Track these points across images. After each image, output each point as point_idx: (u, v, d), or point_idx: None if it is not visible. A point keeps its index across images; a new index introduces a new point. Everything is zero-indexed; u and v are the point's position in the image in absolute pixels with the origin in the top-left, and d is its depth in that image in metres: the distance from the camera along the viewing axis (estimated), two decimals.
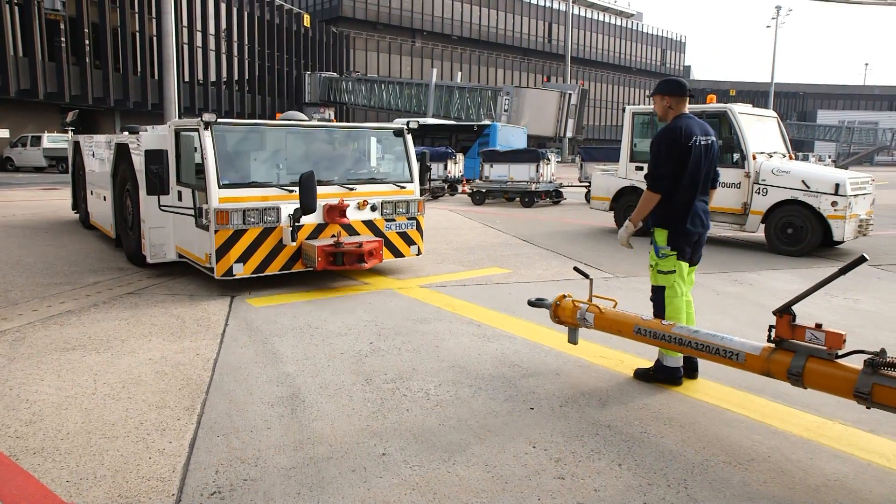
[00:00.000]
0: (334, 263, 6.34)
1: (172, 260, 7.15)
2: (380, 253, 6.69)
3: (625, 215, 11.00)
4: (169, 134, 6.86)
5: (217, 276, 6.08)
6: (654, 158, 3.90)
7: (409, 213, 7.32)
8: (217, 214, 5.98)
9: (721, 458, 3.09)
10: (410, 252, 7.38)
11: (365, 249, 6.39)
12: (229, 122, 6.42)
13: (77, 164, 11.22)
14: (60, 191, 19.51)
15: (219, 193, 6.03)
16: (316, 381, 4.02)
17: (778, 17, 59.26)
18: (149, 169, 6.21)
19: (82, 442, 3.17)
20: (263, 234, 6.25)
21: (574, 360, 4.45)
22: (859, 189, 9.05)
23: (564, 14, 59.72)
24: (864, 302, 6.32)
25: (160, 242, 7.04)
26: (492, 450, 3.14)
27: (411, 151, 7.56)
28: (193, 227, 6.47)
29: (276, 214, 6.29)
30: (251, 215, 6.15)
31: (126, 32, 37.38)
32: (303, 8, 59.08)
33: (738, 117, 9.38)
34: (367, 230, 6.99)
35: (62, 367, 4.21)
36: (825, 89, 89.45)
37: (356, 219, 6.87)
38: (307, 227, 6.51)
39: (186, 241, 6.78)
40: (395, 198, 7.22)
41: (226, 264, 6.09)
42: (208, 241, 6.13)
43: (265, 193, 6.31)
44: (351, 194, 6.87)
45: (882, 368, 2.70)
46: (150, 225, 6.96)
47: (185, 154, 6.65)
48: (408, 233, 7.34)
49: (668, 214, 3.91)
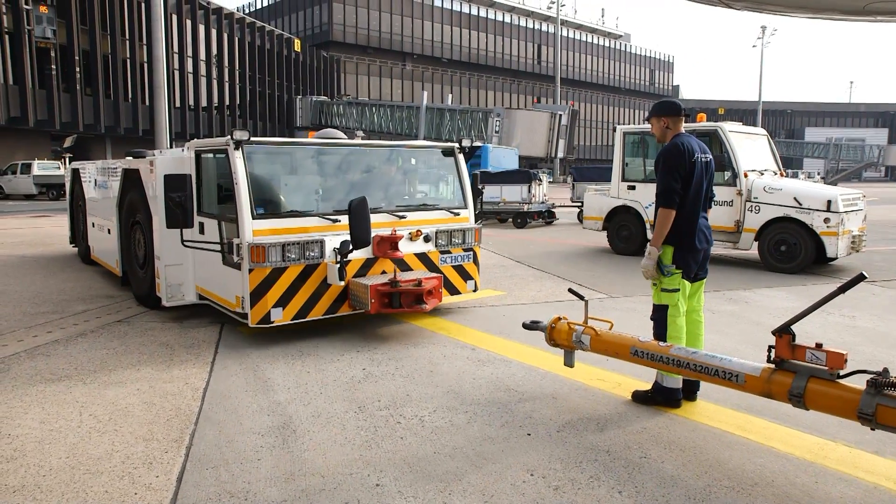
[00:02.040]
0: (390, 306, 5.43)
1: (192, 302, 6.30)
2: (440, 292, 5.76)
3: (618, 235, 11.00)
4: (188, 156, 6.11)
5: (252, 323, 5.21)
6: (662, 176, 3.90)
7: (465, 243, 6.46)
8: (252, 250, 5.11)
9: (724, 483, 3.02)
10: (467, 288, 6.51)
11: (424, 288, 5.47)
12: (263, 140, 5.65)
13: (76, 193, 10.20)
14: (51, 218, 19.39)
15: (253, 225, 5.19)
16: (308, 410, 3.93)
17: (763, 37, 60.25)
18: (169, 197, 5.40)
19: (65, 478, 3.06)
20: (305, 272, 5.39)
21: (571, 383, 4.38)
22: (851, 205, 9.09)
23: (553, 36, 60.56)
24: (860, 319, 6.29)
25: (178, 282, 6.19)
26: (489, 478, 3.05)
27: (464, 173, 6.71)
28: (220, 265, 5.65)
29: (319, 249, 5.44)
30: (291, 251, 5.29)
31: (117, 59, 37.54)
32: (294, 33, 59.67)
33: (729, 135, 9.43)
34: (421, 265, 6.13)
35: (47, 400, 4.10)
36: (812, 107, 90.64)
37: (409, 251, 6.00)
38: (354, 262, 5.65)
39: (211, 282, 5.96)
40: (450, 226, 6.37)
41: (262, 309, 5.21)
42: (240, 282, 5.27)
43: (305, 224, 5.48)
44: (402, 223, 6.02)
45: (885, 389, 2.65)
46: (167, 262, 6.12)
47: (207, 179, 5.98)
48: (464, 266, 6.47)
49: (675, 232, 3.88)
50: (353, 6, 61.65)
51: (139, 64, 38.44)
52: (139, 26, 38.19)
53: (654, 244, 3.90)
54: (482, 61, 70.67)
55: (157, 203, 6.08)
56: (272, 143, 5.90)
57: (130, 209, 7.17)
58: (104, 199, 8.38)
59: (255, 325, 5.24)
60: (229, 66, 46.45)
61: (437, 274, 6.00)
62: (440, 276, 5.85)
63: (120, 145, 38.19)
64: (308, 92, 55.26)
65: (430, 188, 7.01)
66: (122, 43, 38.13)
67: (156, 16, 18.39)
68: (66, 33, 34.61)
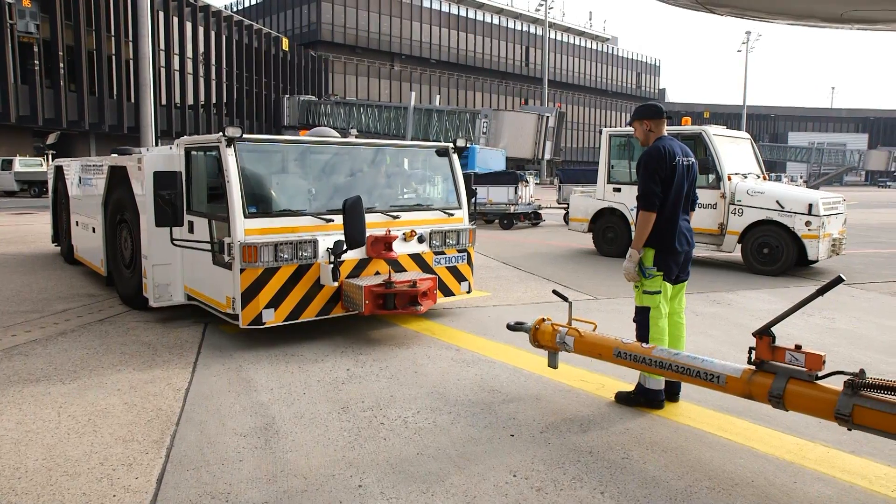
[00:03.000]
0: (384, 307, 5.35)
1: (180, 303, 6.17)
2: (434, 293, 5.66)
3: (603, 237, 11.06)
4: (177, 153, 5.97)
5: (243, 324, 5.10)
6: (642, 179, 3.93)
7: (459, 244, 6.40)
8: (244, 250, 5.00)
9: (704, 483, 3.04)
10: (461, 290, 6.45)
11: (419, 290, 5.40)
12: (256, 137, 5.51)
13: (59, 191, 9.99)
14: (33, 215, 19.13)
15: (245, 224, 5.09)
16: (291, 411, 3.91)
17: (748, 42, 60.93)
18: (158, 195, 5.23)
19: (41, 480, 3.02)
20: (298, 272, 5.28)
21: (554, 384, 4.39)
22: (832, 209, 9.20)
23: (541, 38, 60.75)
24: (839, 321, 6.37)
25: (165, 282, 6.06)
26: (471, 479, 3.05)
27: (458, 173, 6.66)
28: (210, 265, 5.52)
29: (312, 249, 5.33)
30: (284, 250, 5.18)
31: (102, 55, 37.14)
32: (282, 32, 59.37)
33: (713, 139, 9.51)
34: (415, 266, 6.03)
35: (24, 400, 4.04)
36: (795, 112, 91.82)
37: (403, 252, 5.92)
38: (347, 263, 5.54)
39: (200, 282, 5.84)
40: (445, 227, 6.30)
41: (254, 310, 5.10)
42: (231, 283, 5.15)
43: (298, 223, 5.37)
44: (396, 223, 5.94)
45: (862, 389, 2.69)
46: (154, 262, 5.97)
47: (197, 177, 5.86)
48: (458, 267, 6.41)
49: (655, 234, 3.91)
50: (341, 6, 61.47)
51: (125, 61, 38.05)
52: (125, 23, 37.84)
53: (634, 246, 3.94)
54: (470, 62, 70.76)
55: (144, 201, 5.94)
56: (265, 140, 5.75)
57: (117, 207, 7.01)
58: (89, 196, 8.18)
59: (245, 326, 5.11)
60: (216, 64, 46.13)
61: (431, 275, 5.87)
62: (435, 278, 5.74)
63: (104, 142, 37.81)
64: (295, 91, 55.03)
65: (423, 188, 6.86)
66: (108, 39, 37.74)
67: (142, 13, 18.18)
68: (50, 28, 34.20)
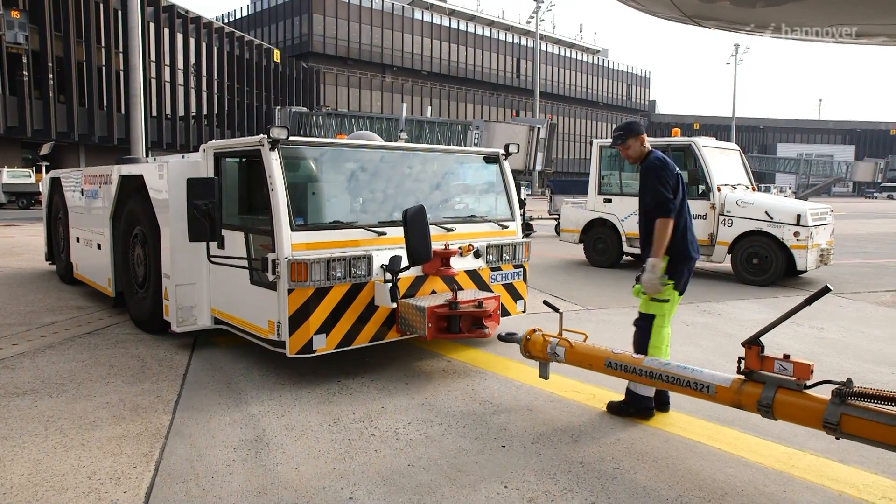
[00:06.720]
0: (448, 331, 4.75)
1: (206, 327, 5.59)
2: (498, 314, 5.10)
3: (594, 247, 11.11)
4: (204, 161, 5.38)
5: (290, 352, 4.49)
6: (654, 188, 3.86)
7: (515, 259, 5.82)
8: (292, 267, 4.40)
9: (695, 493, 3.05)
10: (517, 309, 5.87)
11: (486, 311, 4.80)
12: (303, 140, 4.95)
13: (54, 204, 9.26)
14: (21, 227, 18.99)
15: (292, 238, 4.49)
16: (281, 423, 3.89)
17: (737, 55, 61.55)
18: (193, 205, 4.56)
19: (27, 496, 2.98)
20: (351, 293, 4.69)
21: (546, 395, 4.39)
22: (820, 219, 9.30)
23: (532, 50, 61.18)
24: (828, 330, 6.42)
25: (190, 305, 5.46)
26: (463, 491, 3.05)
27: (510, 181, 6.09)
28: (246, 285, 4.91)
29: (366, 265, 4.73)
30: (336, 268, 4.58)
31: (92, 66, 37.04)
32: (273, 43, 59.49)
33: (703, 150, 9.61)
34: (472, 283, 5.49)
35: (10, 415, 4.00)
36: (784, 123, 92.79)
37: (459, 268, 5.33)
38: (401, 281, 4.92)
39: (233, 304, 5.23)
40: (501, 240, 5.74)
41: (303, 337, 4.49)
42: (275, 305, 4.55)
43: (349, 237, 4.77)
44: (451, 236, 5.37)
45: (849, 398, 2.71)
46: (178, 281, 5.38)
47: (228, 186, 5.35)
48: (514, 284, 5.83)
49: (669, 242, 3.90)
50: (333, 17, 61.74)
51: (115, 72, 37.96)
52: (115, 34, 37.75)
53: (655, 255, 3.82)
54: (462, 74, 71.13)
55: (167, 213, 5.42)
56: (312, 143, 5.14)
57: (129, 221, 6.42)
58: (92, 209, 7.53)
59: (293, 355, 4.53)
60: (207, 75, 46.10)
61: (492, 294, 5.31)
62: (498, 297, 5.20)
63: (94, 154, 37.60)
64: (287, 103, 54.96)
65: (474, 198, 6.24)
66: (98, 50, 37.65)
67: (133, 24, 18.18)
68: (39, 39, 34.08)
